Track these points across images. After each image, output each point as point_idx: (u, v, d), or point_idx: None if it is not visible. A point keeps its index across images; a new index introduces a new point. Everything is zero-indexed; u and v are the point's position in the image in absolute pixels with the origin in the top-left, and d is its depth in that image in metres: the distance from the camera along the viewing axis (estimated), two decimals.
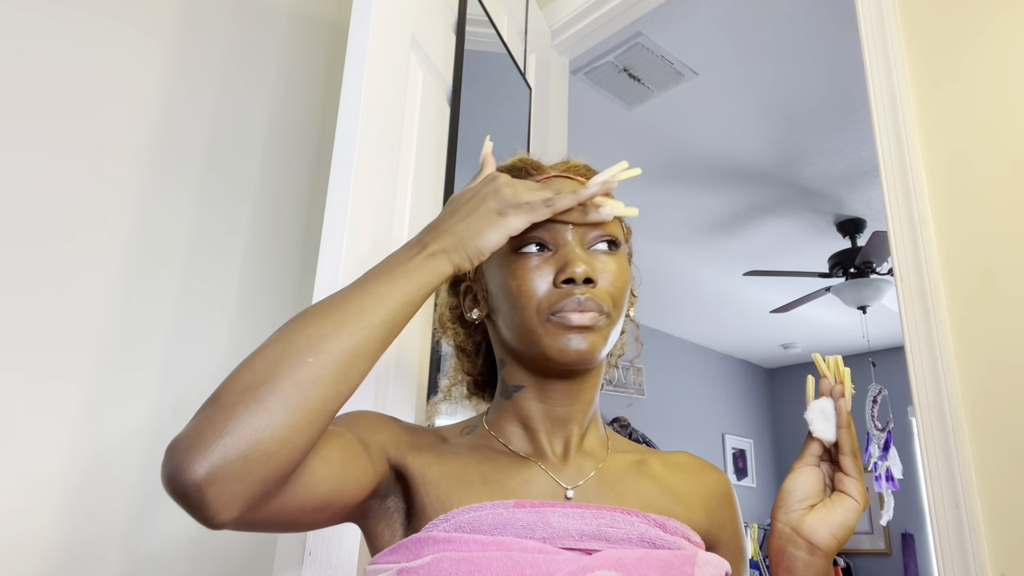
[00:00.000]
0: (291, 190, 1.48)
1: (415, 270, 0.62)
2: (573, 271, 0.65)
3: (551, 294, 0.66)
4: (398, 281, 0.61)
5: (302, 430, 0.54)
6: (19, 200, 1.12)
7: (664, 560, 0.61)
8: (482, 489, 0.65)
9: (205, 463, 0.50)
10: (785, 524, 0.68)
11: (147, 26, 1.33)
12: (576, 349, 0.65)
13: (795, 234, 4.03)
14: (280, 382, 0.53)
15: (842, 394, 0.69)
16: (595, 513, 0.64)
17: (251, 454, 0.51)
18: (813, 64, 2.65)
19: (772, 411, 6.45)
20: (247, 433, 0.51)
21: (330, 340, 0.56)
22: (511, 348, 0.71)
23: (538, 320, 0.66)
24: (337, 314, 0.58)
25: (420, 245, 0.64)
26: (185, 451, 0.51)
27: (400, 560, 0.60)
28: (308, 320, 0.57)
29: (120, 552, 1.13)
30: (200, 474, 0.50)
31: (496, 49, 1.51)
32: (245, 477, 0.51)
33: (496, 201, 0.65)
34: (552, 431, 0.71)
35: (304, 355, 0.55)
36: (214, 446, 0.51)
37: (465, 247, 0.64)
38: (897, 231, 1.23)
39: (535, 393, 0.71)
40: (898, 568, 5.29)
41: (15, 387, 1.07)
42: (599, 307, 0.66)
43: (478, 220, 0.65)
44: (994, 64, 1.20)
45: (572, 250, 0.67)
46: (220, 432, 0.51)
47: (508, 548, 0.59)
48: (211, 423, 0.52)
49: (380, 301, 0.59)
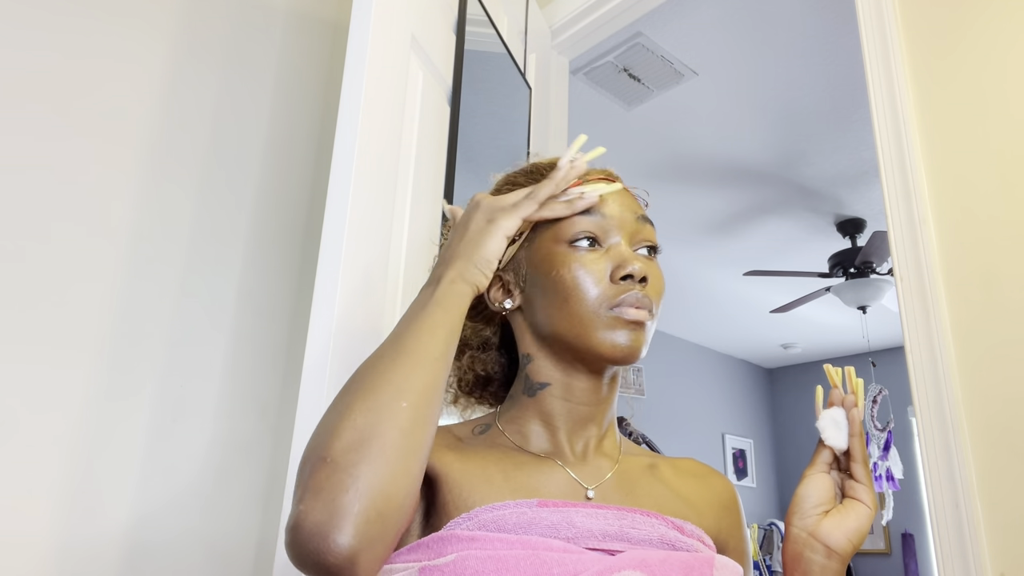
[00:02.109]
0: (291, 190, 1.48)
1: (443, 299, 0.64)
2: (633, 268, 0.68)
3: (610, 288, 0.68)
4: (435, 313, 0.63)
5: (415, 475, 0.56)
6: (19, 200, 1.12)
7: (685, 562, 0.61)
8: (504, 487, 0.66)
9: (351, 531, 0.50)
10: (801, 529, 0.69)
11: (147, 26, 1.33)
12: (628, 344, 0.67)
13: (795, 234, 4.03)
14: (387, 432, 0.54)
15: (854, 404, 0.71)
16: (617, 514, 0.65)
17: (385, 512, 0.52)
18: (813, 64, 2.65)
19: (772, 411, 6.44)
20: (378, 492, 0.52)
21: (412, 382, 0.58)
22: (548, 341, 0.71)
23: (595, 312, 0.68)
24: (405, 356, 0.60)
25: (436, 281, 0.67)
26: (326, 523, 0.50)
27: (421, 559, 0.60)
28: (383, 366, 0.59)
29: (120, 552, 1.13)
30: (349, 544, 0.50)
31: (496, 49, 1.51)
32: (385, 536, 0.52)
33: (480, 213, 0.69)
34: (573, 430, 0.71)
35: (397, 400, 0.56)
36: (354, 512, 0.51)
37: (473, 263, 0.67)
38: (897, 231, 1.23)
39: (561, 391, 0.71)
40: (898, 568, 5.29)
41: (15, 385, 1.07)
42: (651, 305, 0.69)
43: (472, 236, 0.68)
44: (994, 64, 1.20)
45: (626, 248, 0.70)
46: (354, 496, 0.51)
47: (533, 547, 0.59)
48: (341, 488, 0.51)
49: (432, 335, 0.62)
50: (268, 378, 1.36)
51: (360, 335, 0.95)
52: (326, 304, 0.93)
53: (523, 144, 1.59)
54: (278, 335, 1.39)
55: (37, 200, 1.14)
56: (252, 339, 1.35)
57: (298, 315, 1.41)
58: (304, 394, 0.91)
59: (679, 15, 2.43)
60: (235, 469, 1.27)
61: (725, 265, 4.43)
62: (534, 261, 0.73)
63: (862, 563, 5.50)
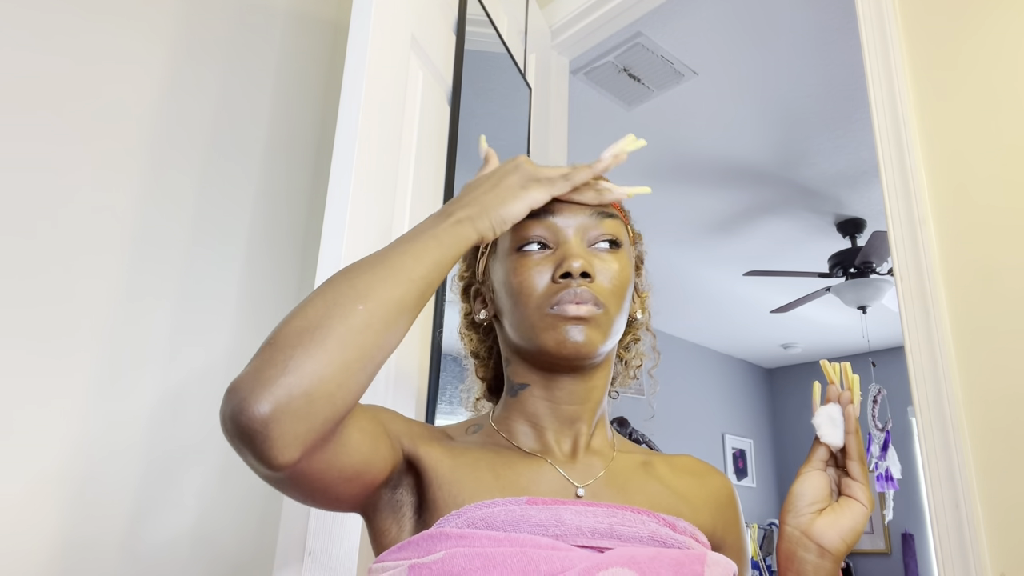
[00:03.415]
0: (291, 189, 1.48)
1: (443, 234, 0.64)
2: (570, 265, 0.67)
3: (549, 288, 0.68)
4: (429, 243, 0.63)
5: (357, 373, 0.56)
6: (19, 200, 1.12)
7: (675, 559, 0.61)
8: (494, 484, 0.66)
9: (270, 399, 0.51)
10: (795, 528, 0.68)
11: (147, 27, 1.33)
12: (574, 341, 0.67)
13: (795, 234, 4.03)
14: (335, 326, 0.55)
15: (850, 401, 0.70)
16: (607, 511, 0.64)
17: (313, 393, 0.53)
18: (813, 64, 2.65)
19: (772, 411, 6.44)
20: (308, 372, 0.53)
21: (377, 290, 0.58)
22: (516, 346, 0.72)
23: (538, 314, 0.68)
24: (380, 268, 0.60)
25: (446, 214, 0.66)
26: (250, 389, 0.52)
27: (411, 556, 0.60)
28: (353, 273, 0.60)
29: (120, 551, 1.13)
30: (265, 410, 0.51)
31: (496, 49, 1.51)
32: (307, 417, 0.53)
33: (518, 175, 0.69)
34: (560, 429, 0.72)
35: (354, 303, 0.57)
36: (278, 383, 0.52)
37: (489, 215, 0.66)
38: (897, 231, 1.23)
39: (541, 391, 0.72)
40: (898, 568, 5.29)
41: (15, 384, 1.07)
42: (595, 299, 0.68)
43: (501, 192, 0.68)
44: (994, 64, 1.20)
45: (571, 247, 0.70)
46: (282, 371, 0.52)
47: (521, 544, 0.59)
48: (271, 363, 0.53)
49: (418, 259, 0.62)
50: None
51: None
52: None
53: (523, 144, 1.59)
54: None
55: (37, 200, 1.14)
56: (252, 339, 1.35)
57: None
58: None
59: (679, 15, 2.43)
60: (235, 469, 1.27)
61: (725, 265, 4.43)
62: (495, 271, 0.74)
63: (862, 563, 5.50)
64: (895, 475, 4.09)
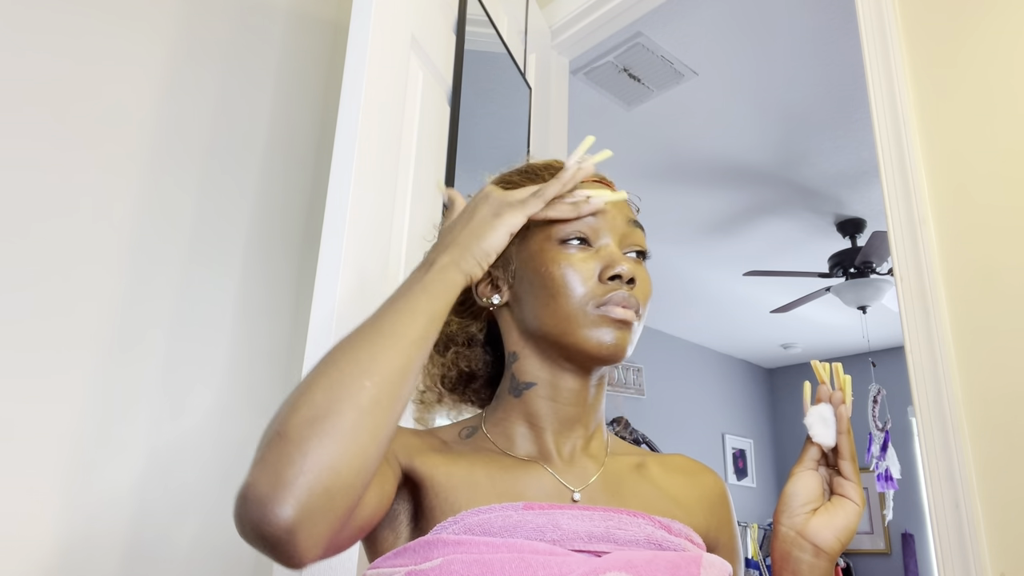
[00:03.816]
0: (291, 189, 1.48)
1: (431, 284, 0.64)
2: (622, 268, 0.68)
3: (597, 287, 0.69)
4: (420, 298, 0.62)
5: (371, 456, 0.54)
6: (19, 201, 1.12)
7: (672, 561, 0.61)
8: (490, 490, 0.65)
9: (293, 503, 0.50)
10: (789, 528, 0.69)
11: (147, 27, 1.33)
12: (614, 343, 0.67)
13: (795, 234, 4.03)
14: (344, 410, 0.54)
15: (842, 401, 0.70)
16: (603, 515, 0.64)
17: (332, 488, 0.51)
18: (813, 64, 2.65)
19: (772, 411, 6.45)
20: (326, 467, 0.51)
21: (379, 362, 0.57)
22: (535, 338, 0.71)
23: (581, 310, 0.68)
24: (378, 337, 0.59)
25: (428, 264, 0.66)
26: (268, 495, 0.50)
27: (407, 563, 0.60)
28: (352, 346, 0.58)
29: (120, 552, 1.13)
30: (289, 516, 0.50)
31: (496, 49, 1.51)
32: (329, 513, 0.51)
33: (488, 205, 0.69)
34: (560, 432, 0.71)
35: (360, 380, 0.55)
36: (297, 485, 0.50)
37: (471, 252, 0.66)
38: (897, 231, 1.23)
39: (547, 391, 0.71)
40: (898, 568, 5.29)
41: (15, 385, 1.07)
42: (638, 306, 0.69)
43: (476, 226, 0.68)
44: (994, 64, 1.20)
45: (616, 250, 0.71)
46: (300, 470, 0.51)
47: (519, 550, 0.59)
48: (288, 461, 0.51)
49: (412, 317, 0.61)
50: (268, 378, 1.36)
51: None
52: (326, 304, 0.93)
53: (523, 144, 1.59)
54: (278, 335, 1.39)
55: (38, 201, 1.14)
56: (252, 339, 1.35)
57: (298, 315, 1.41)
58: None
59: (679, 15, 2.43)
60: (235, 469, 1.27)
61: (725, 265, 4.43)
62: (524, 257, 0.73)
63: (862, 563, 5.50)
64: (895, 475, 4.09)
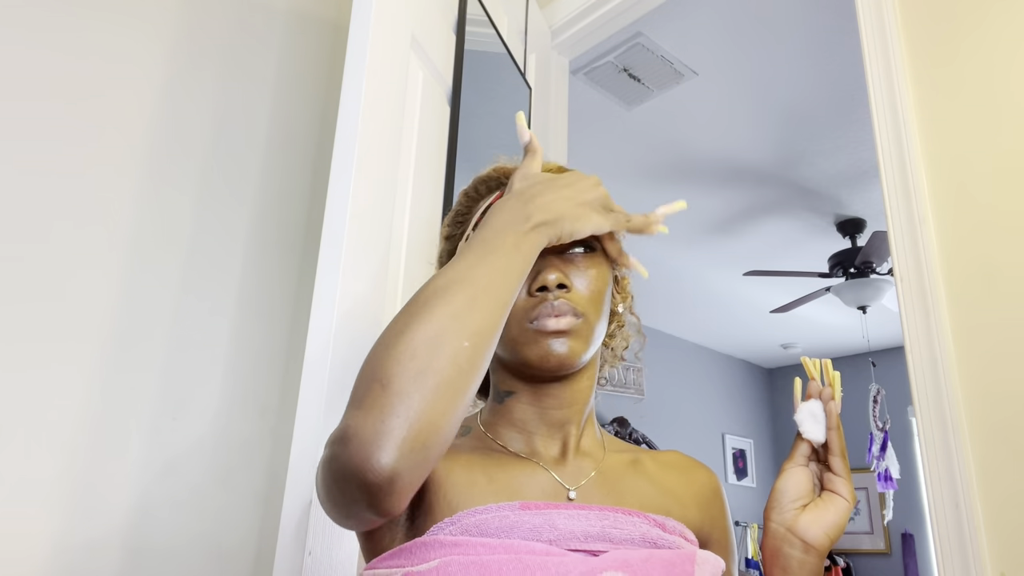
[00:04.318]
0: (291, 189, 1.48)
1: (524, 243, 0.63)
2: (545, 279, 0.67)
3: (527, 303, 0.67)
4: (512, 256, 0.62)
5: (461, 414, 0.56)
6: (19, 202, 1.12)
7: (667, 560, 0.61)
8: (487, 489, 0.66)
9: (395, 452, 0.51)
10: (779, 524, 0.69)
11: (147, 27, 1.33)
12: (557, 353, 0.66)
13: (795, 234, 4.03)
14: (446, 368, 0.54)
15: (832, 397, 0.70)
16: (599, 514, 0.65)
17: (428, 441, 0.52)
18: (813, 64, 2.65)
19: (772, 411, 6.45)
20: (427, 422, 0.52)
21: (477, 322, 0.57)
22: (498, 357, 0.72)
23: (518, 329, 0.67)
24: (475, 292, 0.58)
25: (526, 216, 0.65)
26: (373, 440, 0.51)
27: (404, 564, 0.60)
28: (448, 299, 0.57)
29: (120, 552, 1.13)
30: (391, 463, 0.51)
31: (496, 49, 1.51)
32: (424, 464, 0.53)
33: (596, 196, 0.69)
34: (549, 434, 0.71)
35: (460, 339, 0.56)
36: (401, 435, 0.51)
37: (561, 226, 0.65)
38: (897, 231, 1.23)
39: (528, 398, 0.71)
40: (898, 568, 5.29)
41: (15, 386, 1.07)
42: (573, 310, 0.67)
43: (579, 207, 0.67)
44: (994, 64, 1.20)
45: (545, 259, 0.69)
46: (404, 420, 0.52)
47: (516, 551, 0.59)
48: (391, 412, 0.52)
49: (507, 278, 0.61)
50: (268, 378, 1.36)
51: (360, 335, 0.95)
52: (326, 304, 0.93)
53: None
54: (278, 335, 1.39)
55: (37, 202, 1.14)
56: (252, 339, 1.35)
57: (298, 315, 1.41)
58: (304, 395, 0.91)
59: (679, 15, 2.43)
60: (235, 469, 1.27)
61: (725, 265, 4.43)
62: None
63: (862, 563, 5.50)
64: (894, 475, 4.09)
